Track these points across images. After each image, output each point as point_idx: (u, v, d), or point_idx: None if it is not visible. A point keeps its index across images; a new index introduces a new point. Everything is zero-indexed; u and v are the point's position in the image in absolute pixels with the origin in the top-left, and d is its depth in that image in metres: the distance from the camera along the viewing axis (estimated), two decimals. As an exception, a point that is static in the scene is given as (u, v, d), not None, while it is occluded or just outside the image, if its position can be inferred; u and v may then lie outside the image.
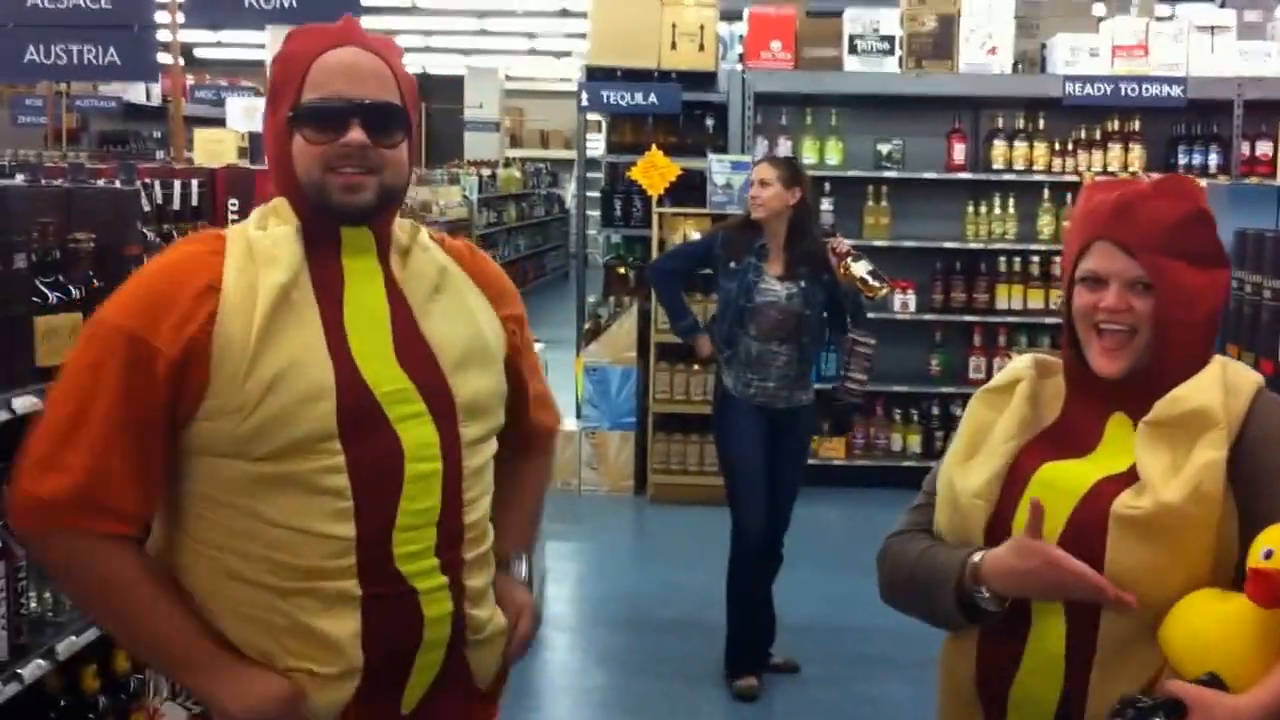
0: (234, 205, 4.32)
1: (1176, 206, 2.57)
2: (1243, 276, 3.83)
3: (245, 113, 8.83)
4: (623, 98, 10.48)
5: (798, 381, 6.58)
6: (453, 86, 29.04)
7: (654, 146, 10.16)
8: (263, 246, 2.53)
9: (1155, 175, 3.12)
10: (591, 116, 11.63)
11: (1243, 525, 2.44)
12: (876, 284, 6.28)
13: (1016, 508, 2.58)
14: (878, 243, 10.08)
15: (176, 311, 2.43)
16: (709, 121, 10.89)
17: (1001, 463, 2.64)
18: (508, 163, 25.32)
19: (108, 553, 2.43)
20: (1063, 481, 2.57)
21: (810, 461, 7.23)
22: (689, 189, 10.40)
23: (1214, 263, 2.58)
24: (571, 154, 11.75)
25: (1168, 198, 2.59)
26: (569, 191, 27.88)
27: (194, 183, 4.11)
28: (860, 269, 6.29)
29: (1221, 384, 2.50)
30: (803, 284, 6.48)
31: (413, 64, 29.18)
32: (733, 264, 6.58)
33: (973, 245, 10.56)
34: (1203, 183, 5.44)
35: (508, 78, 29.38)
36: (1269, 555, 2.32)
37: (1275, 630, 2.34)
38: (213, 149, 6.01)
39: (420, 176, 6.43)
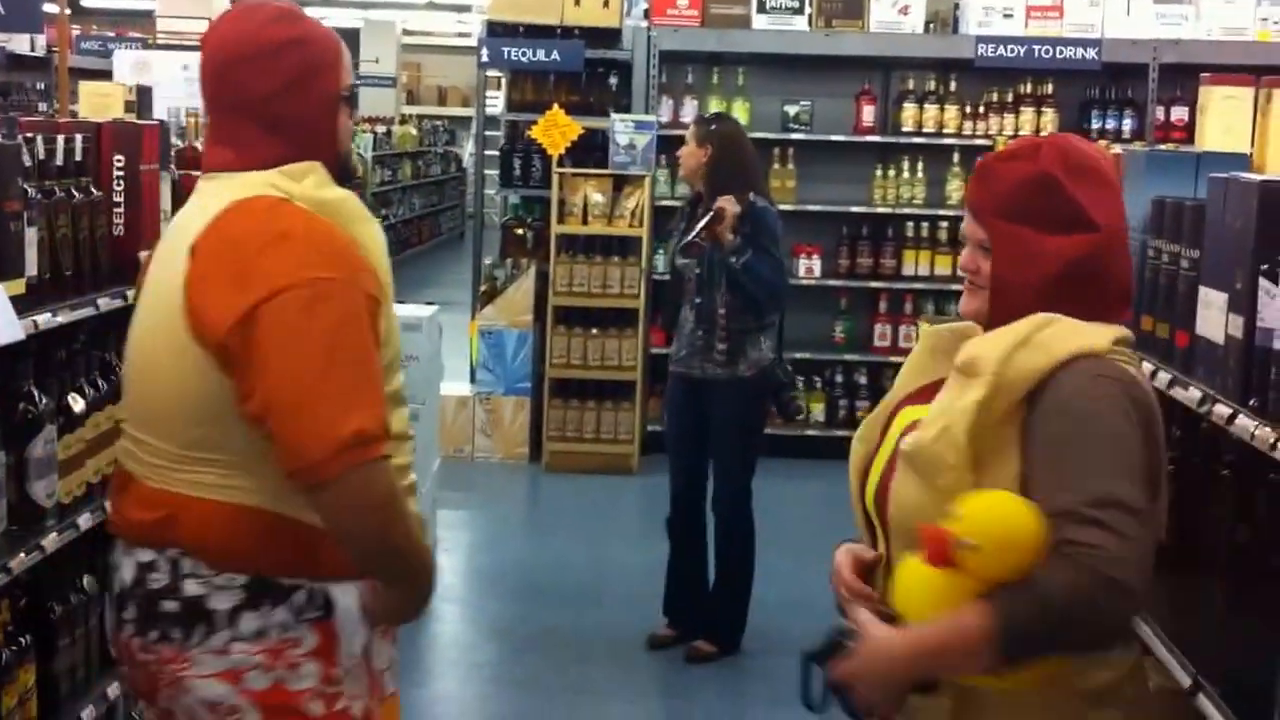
0: (119, 161, 4.25)
1: (1019, 170, 2.68)
2: (1160, 245, 3.85)
3: (134, 66, 8.66)
4: (524, 54, 10.43)
5: (706, 351, 6.54)
6: (349, 40, 28.48)
7: (555, 105, 10.13)
8: (351, 205, 2.96)
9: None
10: (491, 73, 11.55)
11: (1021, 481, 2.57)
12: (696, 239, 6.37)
13: (880, 449, 2.80)
14: (784, 206, 10.04)
15: (364, 264, 2.87)
16: (612, 80, 10.84)
17: (881, 408, 2.87)
18: (404, 119, 25.12)
19: (393, 473, 2.82)
20: (901, 422, 2.79)
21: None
22: (590, 149, 10.39)
23: (1065, 227, 2.65)
24: (470, 111, 11.65)
25: (1014, 161, 2.72)
26: (467, 150, 27.69)
27: (78, 137, 4.02)
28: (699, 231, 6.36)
29: (1016, 339, 2.59)
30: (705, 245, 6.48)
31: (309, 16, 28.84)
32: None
33: (880, 209, 10.63)
34: (1117, 149, 5.46)
35: (405, 32, 29.10)
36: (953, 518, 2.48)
37: (951, 587, 2.49)
38: (98, 103, 5.90)
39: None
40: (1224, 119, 4.46)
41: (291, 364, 2.71)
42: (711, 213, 6.32)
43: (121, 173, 4.25)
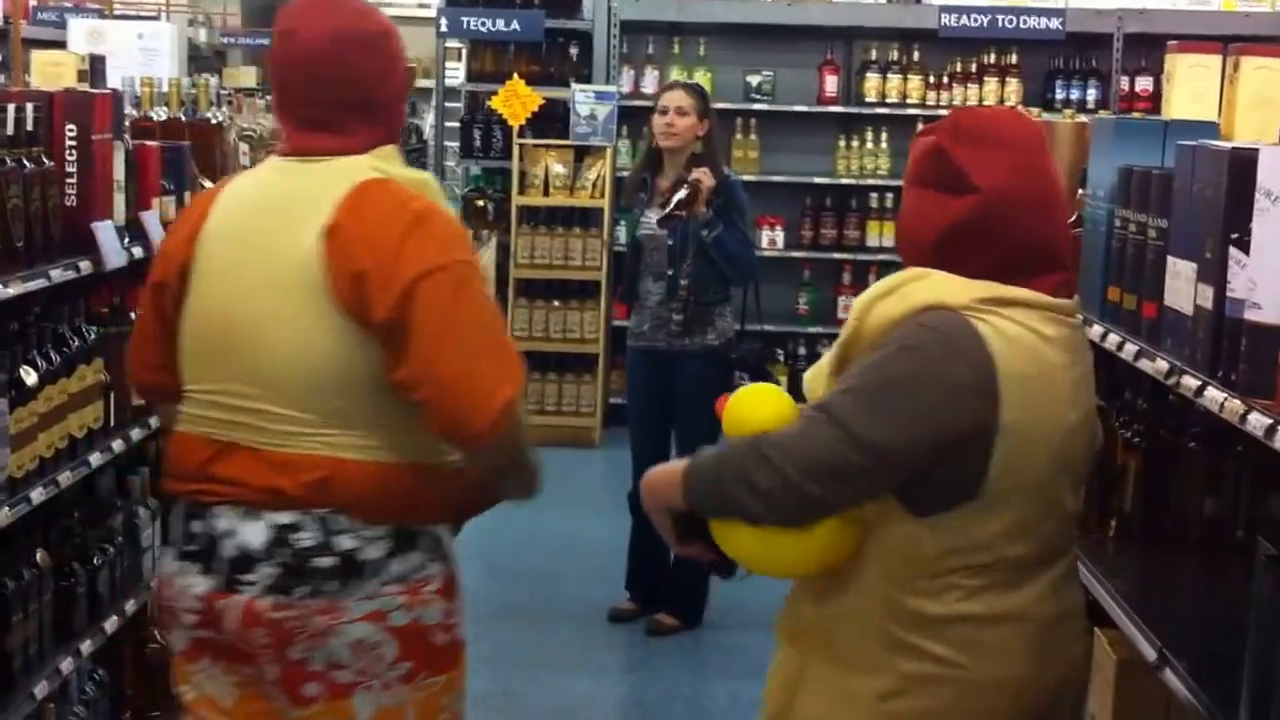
0: (72, 131, 4.20)
1: (923, 140, 2.96)
2: (1127, 215, 3.81)
3: (88, 35, 8.57)
4: (484, 24, 10.41)
5: (673, 323, 6.52)
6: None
7: (515, 75, 10.08)
8: (436, 185, 3.23)
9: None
10: (451, 44, 11.48)
11: None
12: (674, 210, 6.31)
13: None
14: (747, 177, 9.99)
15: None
16: (573, 50, 10.82)
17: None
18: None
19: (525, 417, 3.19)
20: None
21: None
22: (552, 120, 10.34)
23: (951, 190, 2.85)
24: (429, 83, 11.56)
25: (925, 134, 2.98)
26: (427, 121, 27.48)
27: (29, 107, 3.96)
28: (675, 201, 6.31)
29: (886, 289, 2.87)
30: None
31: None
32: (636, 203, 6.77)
33: (844, 180, 10.60)
34: (1083, 118, 5.44)
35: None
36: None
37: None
38: (51, 72, 5.82)
39: (267, 102, 6.24)
40: (1191, 87, 4.44)
41: (448, 341, 2.96)
42: (688, 185, 6.29)
43: (74, 142, 4.20)
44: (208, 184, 4.90)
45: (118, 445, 4.49)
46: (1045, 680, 2.89)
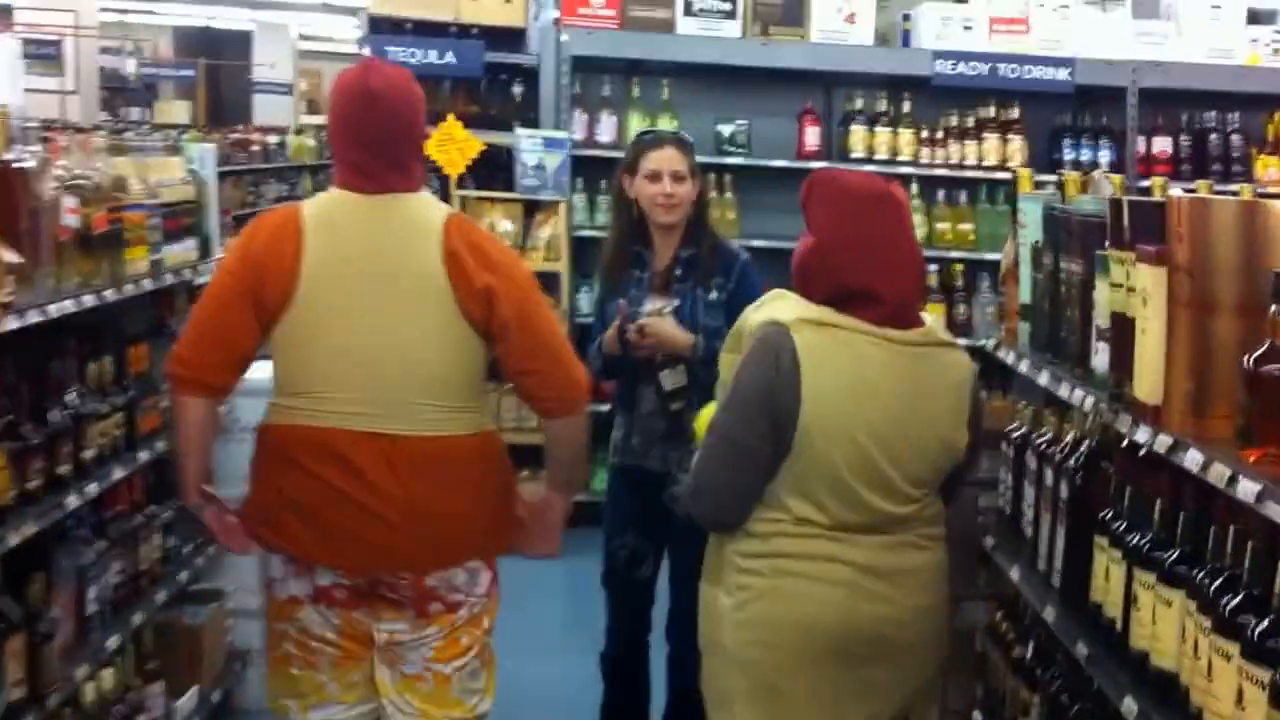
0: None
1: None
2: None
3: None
4: (412, 55, 9.22)
5: (672, 439, 5.18)
6: (240, 44, 27.50)
7: (451, 116, 8.90)
8: None
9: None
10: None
11: None
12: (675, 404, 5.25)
13: None
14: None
15: None
16: (517, 89, 9.71)
17: None
18: (299, 130, 23.87)
19: None
20: None
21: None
22: (495, 169, 9.31)
23: (808, 233, 3.83)
24: None
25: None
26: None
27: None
28: (668, 381, 5.23)
29: (758, 305, 3.87)
30: (683, 296, 5.30)
31: (196, 17, 27.59)
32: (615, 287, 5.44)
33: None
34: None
35: (302, 37, 27.86)
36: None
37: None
38: None
39: (111, 143, 5.15)
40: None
41: (549, 334, 4.13)
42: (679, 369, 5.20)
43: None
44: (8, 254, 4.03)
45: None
46: (856, 621, 3.72)
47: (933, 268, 9.37)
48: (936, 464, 3.84)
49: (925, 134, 9.58)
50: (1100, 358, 3.87)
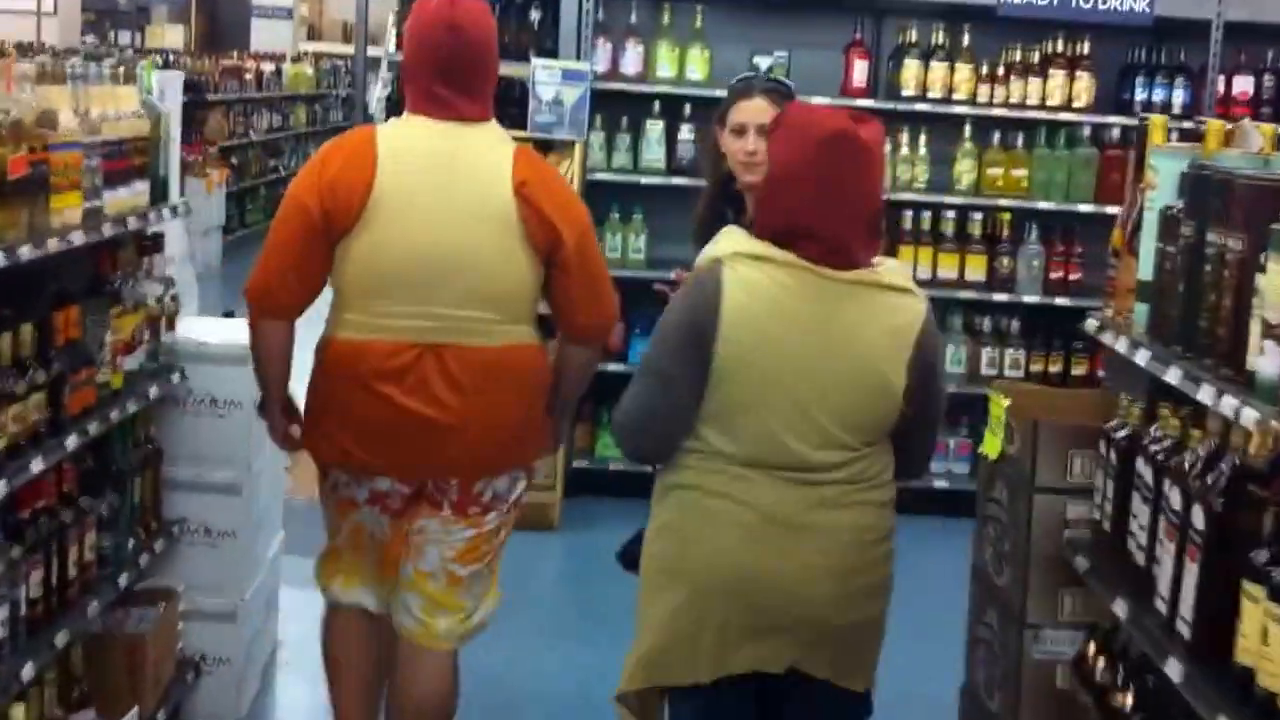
0: None
1: None
2: None
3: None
4: (420, -25, 8.36)
5: None
6: (237, -37, 26.73)
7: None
8: None
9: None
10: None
11: None
12: None
13: None
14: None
15: None
16: (534, 14, 8.83)
17: None
18: (297, 57, 23.05)
19: None
20: None
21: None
22: (507, 103, 8.33)
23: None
24: (378, 51, 9.86)
25: None
26: (373, 95, 25.68)
27: None
28: None
29: (714, 241, 3.86)
30: None
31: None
32: None
33: (871, 194, 8.62)
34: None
35: (307, -42, 27.08)
36: None
37: None
38: None
39: (41, 70, 4.32)
40: None
41: (596, 269, 4.54)
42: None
43: None
44: None
45: None
46: (754, 569, 3.70)
47: (977, 217, 8.77)
48: (874, 410, 3.71)
49: (984, 70, 8.77)
50: (1267, 360, 3.14)
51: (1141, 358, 3.94)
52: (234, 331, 5.63)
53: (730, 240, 3.74)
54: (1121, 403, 4.20)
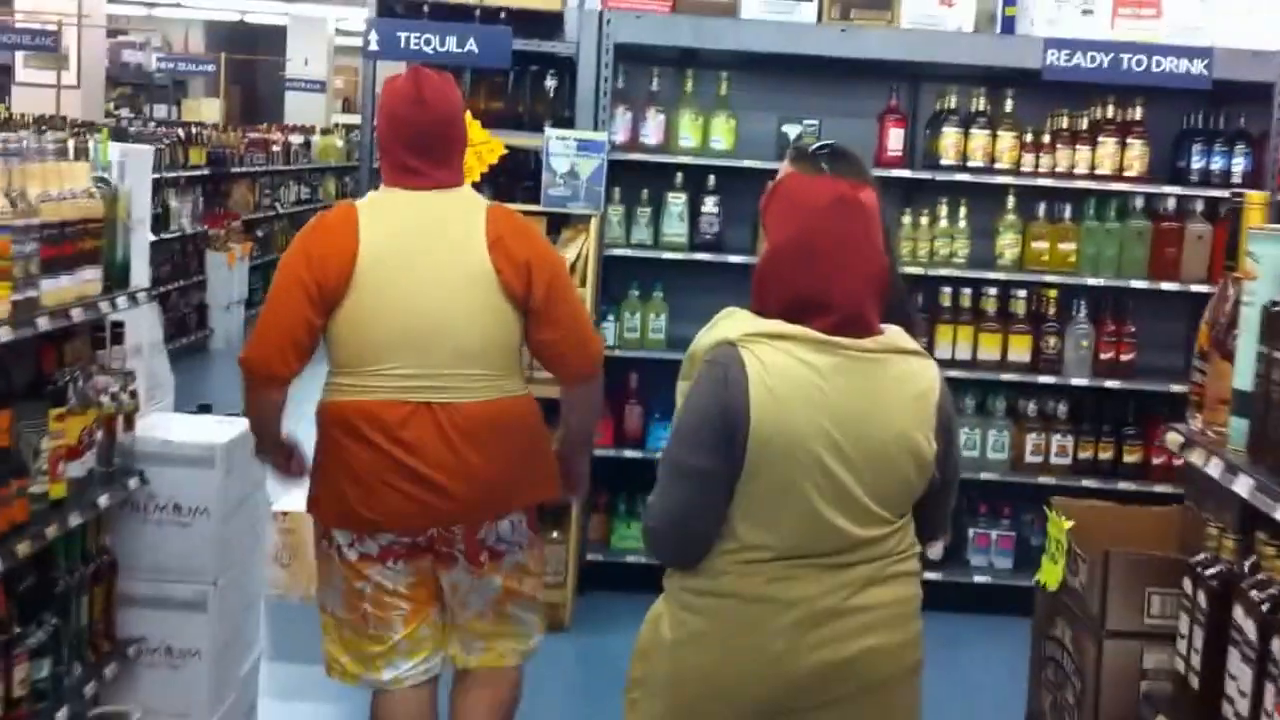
0: None
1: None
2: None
3: None
4: (427, 43, 7.91)
5: None
6: (274, 39, 26.59)
7: (470, 115, 7.61)
8: None
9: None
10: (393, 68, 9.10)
11: None
12: None
13: None
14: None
15: None
16: (549, 82, 8.43)
17: None
18: (328, 129, 22.82)
19: None
20: None
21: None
22: (519, 176, 8.11)
23: (768, 241, 3.67)
24: (355, 119, 9.47)
25: None
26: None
27: None
28: None
29: (711, 324, 3.69)
30: None
31: (228, 10, 26.73)
32: None
33: (909, 269, 8.12)
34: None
35: (339, 31, 26.88)
36: None
37: None
38: None
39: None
40: None
41: (575, 314, 4.77)
42: None
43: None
44: None
45: None
46: (794, 675, 3.54)
47: (1021, 294, 8.32)
48: (906, 480, 3.63)
49: (1029, 138, 8.29)
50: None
51: (1242, 487, 3.44)
52: (204, 430, 5.20)
53: (736, 321, 3.60)
54: (1210, 532, 3.69)
